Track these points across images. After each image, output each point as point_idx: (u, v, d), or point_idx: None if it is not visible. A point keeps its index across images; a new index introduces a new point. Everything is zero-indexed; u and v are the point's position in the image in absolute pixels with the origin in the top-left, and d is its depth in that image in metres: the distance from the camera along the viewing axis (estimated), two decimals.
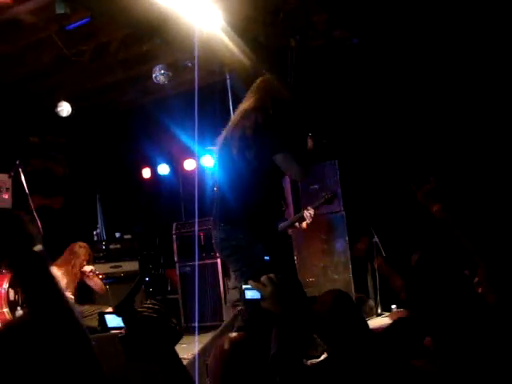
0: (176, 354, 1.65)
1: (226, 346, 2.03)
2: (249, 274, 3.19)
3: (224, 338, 2.07)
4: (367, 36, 7.39)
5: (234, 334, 2.08)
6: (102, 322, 1.66)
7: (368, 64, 7.49)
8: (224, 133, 3.80)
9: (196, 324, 4.37)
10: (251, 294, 2.10)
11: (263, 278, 2.06)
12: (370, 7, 6.81)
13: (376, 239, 7.32)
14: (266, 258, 3.26)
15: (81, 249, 6.77)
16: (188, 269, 8.35)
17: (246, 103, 3.82)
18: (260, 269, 2.86)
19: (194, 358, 4.15)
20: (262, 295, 2.05)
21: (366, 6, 6.80)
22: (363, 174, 7.48)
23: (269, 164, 3.60)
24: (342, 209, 7.25)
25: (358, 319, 2.46)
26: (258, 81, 3.96)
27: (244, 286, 2.12)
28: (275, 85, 3.92)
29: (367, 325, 2.49)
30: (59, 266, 6.73)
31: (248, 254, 3.48)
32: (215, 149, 3.89)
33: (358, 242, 7.42)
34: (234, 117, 3.88)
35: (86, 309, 6.56)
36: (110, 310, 6.59)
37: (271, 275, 2.06)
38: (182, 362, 1.67)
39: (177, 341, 1.66)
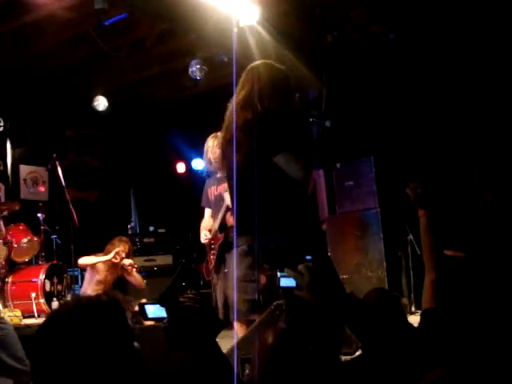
0: (217, 344, 1.66)
1: (270, 339, 2.02)
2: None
3: (267, 331, 2.06)
4: (404, 31, 7.32)
5: (277, 328, 2.07)
6: (143, 312, 1.67)
7: (404, 59, 7.42)
8: (223, 130, 3.57)
9: (235, 316, 4.38)
10: (286, 281, 2.09)
11: (301, 267, 2.04)
12: (407, 2, 6.75)
13: (411, 237, 7.25)
14: (307, 257, 3.19)
15: (121, 242, 6.83)
16: None
17: (243, 92, 3.48)
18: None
19: (227, 352, 4.15)
20: (297, 284, 2.03)
21: (404, 1, 6.74)
22: (399, 171, 7.41)
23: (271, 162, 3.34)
24: (377, 206, 7.20)
25: (402, 322, 2.40)
26: (251, 69, 3.58)
27: (279, 274, 2.10)
28: (268, 72, 3.52)
29: (411, 328, 2.42)
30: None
31: (288, 255, 3.34)
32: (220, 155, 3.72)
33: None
34: (230, 107, 3.54)
35: (122, 300, 6.61)
36: (143, 300, 6.65)
37: (309, 264, 2.04)
38: (222, 352, 1.68)
39: (218, 331, 1.67)
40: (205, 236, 5.48)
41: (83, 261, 6.79)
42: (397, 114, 7.52)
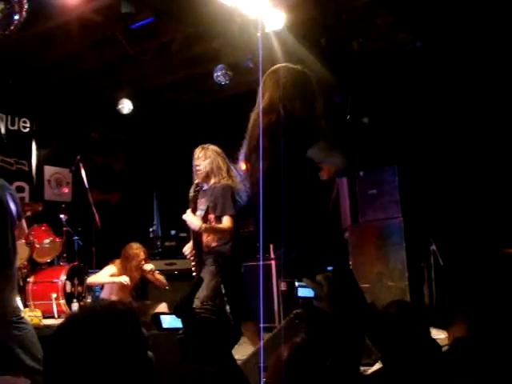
0: (232, 357, 1.63)
1: (286, 354, 1.99)
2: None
3: (283, 346, 2.04)
4: (430, 39, 7.27)
5: (293, 342, 2.05)
6: (157, 322, 1.64)
7: (430, 67, 7.36)
8: (247, 136, 3.49)
9: (261, 325, 4.38)
10: (304, 291, 2.06)
11: (320, 277, 2.00)
12: (435, 10, 6.68)
13: (434, 247, 7.17)
14: (329, 268, 3.11)
15: (136, 251, 6.80)
16: (243, 269, 8.34)
17: (265, 97, 3.44)
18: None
19: (246, 359, 4.12)
20: (316, 294, 2.00)
21: (432, 9, 6.68)
22: (423, 180, 7.34)
23: (302, 162, 3.29)
24: (400, 215, 7.12)
25: (424, 336, 2.34)
26: (272, 72, 3.54)
27: (297, 283, 2.07)
28: (288, 75, 3.47)
29: (435, 345, 2.35)
30: (118, 267, 6.78)
31: (309, 266, 3.18)
32: (242, 159, 3.61)
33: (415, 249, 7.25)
34: (253, 114, 3.49)
35: (141, 305, 6.61)
36: (163, 305, 6.64)
37: (328, 274, 2.01)
38: (238, 365, 1.65)
39: (234, 343, 1.64)
40: (187, 249, 5.42)
41: (92, 280, 6.81)
42: (421, 122, 7.45)
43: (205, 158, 5.40)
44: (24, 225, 5.54)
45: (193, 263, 5.30)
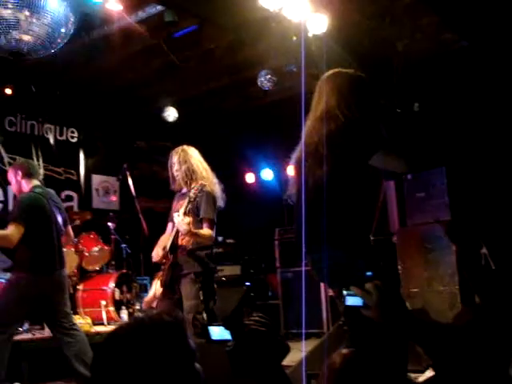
0: (283, 370, 1.60)
1: (338, 362, 1.95)
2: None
3: (335, 353, 1.99)
4: (478, 38, 7.13)
5: (345, 351, 2.00)
6: (206, 334, 1.62)
7: (478, 67, 7.22)
8: (303, 143, 3.44)
9: (303, 331, 4.32)
10: (352, 300, 2.02)
11: (368, 285, 1.97)
12: (481, 8, 6.56)
13: (485, 250, 7.02)
14: (368, 273, 3.06)
15: None
16: (290, 274, 8.33)
17: (322, 104, 3.41)
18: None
19: (295, 367, 4.09)
20: (364, 303, 1.97)
21: (478, 7, 6.55)
22: (473, 181, 7.19)
23: (362, 169, 3.28)
24: (450, 218, 6.99)
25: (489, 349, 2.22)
26: (327, 78, 3.52)
27: (345, 292, 2.04)
28: (343, 80, 3.46)
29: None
30: None
31: (348, 272, 3.16)
32: (293, 163, 3.55)
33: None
34: (309, 121, 3.46)
35: None
36: None
37: (377, 282, 1.97)
38: (289, 378, 1.62)
39: (284, 356, 1.61)
40: (156, 254, 5.25)
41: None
42: (469, 122, 7.31)
43: (183, 162, 5.35)
44: (70, 231, 5.64)
45: (162, 266, 5.16)
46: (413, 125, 7.02)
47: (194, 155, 5.41)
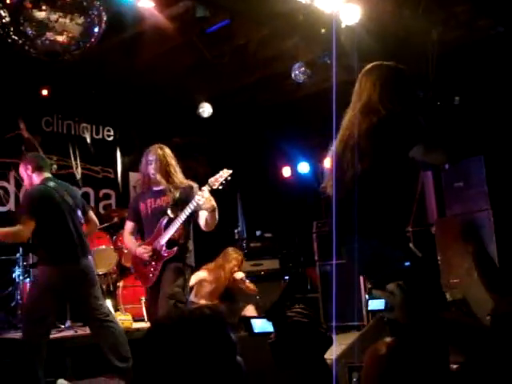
0: (325, 362, 1.58)
1: (383, 351, 1.92)
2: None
3: (379, 342, 1.96)
4: None
5: (389, 339, 1.97)
6: (248, 326, 1.61)
7: None
8: (342, 135, 3.45)
9: (333, 324, 4.27)
10: (375, 304, 1.99)
11: (391, 286, 1.92)
12: None
13: None
14: (406, 263, 3.02)
15: (234, 254, 6.91)
16: (329, 267, 8.29)
17: (364, 98, 3.43)
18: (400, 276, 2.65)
19: (338, 359, 4.06)
20: (387, 305, 1.92)
21: None
22: None
23: (402, 161, 3.30)
24: (490, 207, 6.87)
25: None
26: (367, 71, 3.53)
27: (368, 296, 2.01)
28: (384, 74, 3.46)
29: None
30: (210, 271, 6.87)
31: (386, 262, 3.17)
32: (331, 155, 3.54)
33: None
34: (350, 114, 3.47)
35: (228, 307, 6.65)
36: (251, 308, 6.66)
37: (400, 282, 1.93)
38: (330, 371, 1.60)
39: (327, 347, 1.60)
40: (145, 250, 5.26)
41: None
42: (507, 111, 7.18)
43: (163, 160, 5.41)
44: (93, 217, 5.65)
45: (154, 263, 5.21)
46: (451, 115, 6.93)
47: (171, 154, 5.50)
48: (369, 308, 2.03)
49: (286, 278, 8.69)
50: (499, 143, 7.16)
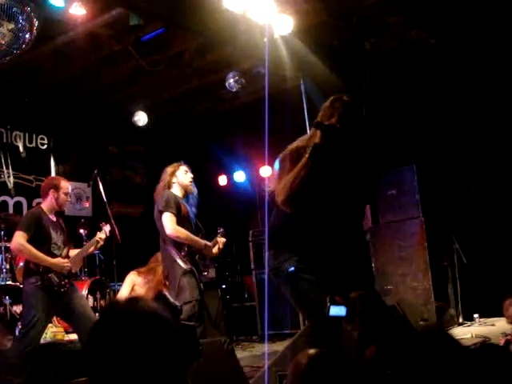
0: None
1: (304, 362, 1.94)
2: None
3: (301, 353, 1.99)
4: (445, 36, 7.18)
5: (311, 350, 1.99)
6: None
7: (446, 64, 7.27)
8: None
9: (266, 332, 4.31)
10: (336, 310, 2.02)
11: (354, 295, 1.96)
12: (447, 6, 6.60)
13: (457, 246, 7.08)
14: (290, 269, 3.04)
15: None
16: (265, 276, 8.30)
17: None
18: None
19: (269, 367, 4.08)
20: (348, 313, 1.95)
21: (444, 5, 6.59)
22: (443, 178, 7.25)
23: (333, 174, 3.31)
24: (421, 215, 7.03)
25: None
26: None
27: (329, 302, 2.03)
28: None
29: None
30: (141, 273, 6.81)
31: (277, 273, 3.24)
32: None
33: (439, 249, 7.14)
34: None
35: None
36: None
37: (362, 293, 1.96)
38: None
39: None
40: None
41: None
42: (438, 120, 7.36)
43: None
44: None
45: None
46: (384, 125, 7.07)
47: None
48: (330, 314, 2.05)
49: (223, 286, 8.68)
50: (431, 152, 7.34)
